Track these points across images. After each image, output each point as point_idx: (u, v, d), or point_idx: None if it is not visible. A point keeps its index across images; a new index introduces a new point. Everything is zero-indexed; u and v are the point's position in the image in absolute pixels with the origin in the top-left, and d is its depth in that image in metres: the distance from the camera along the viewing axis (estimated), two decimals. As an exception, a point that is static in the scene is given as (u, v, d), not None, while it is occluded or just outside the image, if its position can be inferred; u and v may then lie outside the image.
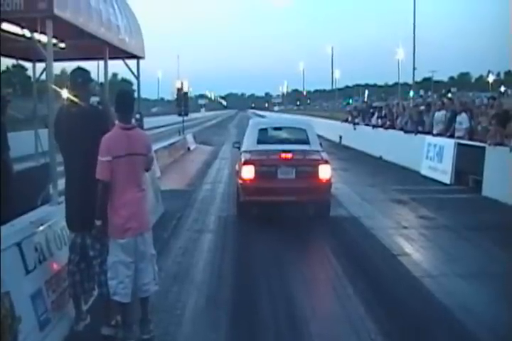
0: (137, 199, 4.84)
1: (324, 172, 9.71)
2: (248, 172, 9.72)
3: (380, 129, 22.51)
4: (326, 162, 9.85)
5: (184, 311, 5.70)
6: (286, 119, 23.58)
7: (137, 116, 6.09)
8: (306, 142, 10.47)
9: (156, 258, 5.10)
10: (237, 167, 10.69)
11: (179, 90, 29.58)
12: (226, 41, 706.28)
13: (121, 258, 4.77)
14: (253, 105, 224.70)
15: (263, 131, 10.99)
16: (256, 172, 9.68)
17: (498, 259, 7.76)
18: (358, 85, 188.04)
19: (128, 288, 4.80)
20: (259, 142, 10.54)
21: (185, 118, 30.64)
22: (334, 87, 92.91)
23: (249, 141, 10.74)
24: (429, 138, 16.63)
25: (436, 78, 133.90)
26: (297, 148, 10.14)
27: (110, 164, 4.71)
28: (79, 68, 5.20)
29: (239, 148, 11.14)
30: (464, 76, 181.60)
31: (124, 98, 5.07)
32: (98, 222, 4.75)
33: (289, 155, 9.82)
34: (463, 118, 14.87)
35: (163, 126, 44.95)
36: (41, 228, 4.95)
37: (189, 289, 6.39)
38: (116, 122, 4.94)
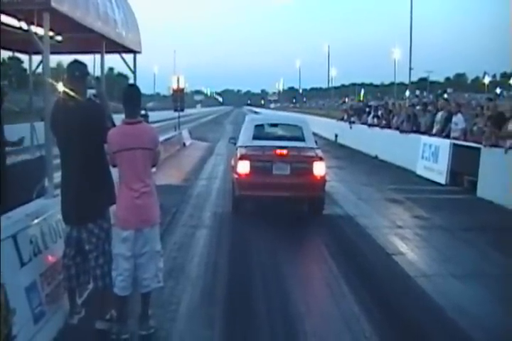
0: (140, 194, 4.80)
1: (319, 169, 9.73)
2: (244, 167, 9.74)
3: (376, 128, 22.54)
4: (321, 159, 9.87)
5: (179, 307, 5.69)
6: (282, 116, 23.60)
7: (142, 111, 6.08)
8: (302, 139, 10.52)
9: (161, 255, 5.06)
10: (232, 162, 10.71)
11: (175, 86, 29.49)
12: (223, 37, 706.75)
13: (120, 251, 4.78)
14: (249, 102, 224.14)
15: (259, 127, 11.03)
16: (251, 167, 9.70)
17: (492, 260, 7.80)
18: (354, 84, 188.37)
19: (126, 281, 4.79)
20: (254, 138, 10.56)
21: (181, 113, 30.54)
22: (330, 86, 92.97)
23: (245, 137, 10.75)
24: (424, 138, 16.65)
25: (432, 78, 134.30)
26: (292, 145, 10.17)
27: (111, 158, 4.89)
28: (76, 61, 5.12)
29: (235, 143, 11.15)
30: (460, 77, 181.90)
31: (131, 93, 5.05)
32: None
33: (284, 152, 9.84)
34: (458, 119, 14.91)
35: (158, 121, 44.76)
36: (36, 221, 4.92)
37: (184, 284, 6.38)
38: (122, 117, 4.91)
